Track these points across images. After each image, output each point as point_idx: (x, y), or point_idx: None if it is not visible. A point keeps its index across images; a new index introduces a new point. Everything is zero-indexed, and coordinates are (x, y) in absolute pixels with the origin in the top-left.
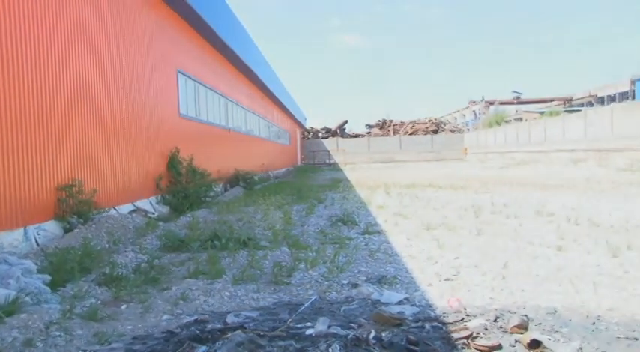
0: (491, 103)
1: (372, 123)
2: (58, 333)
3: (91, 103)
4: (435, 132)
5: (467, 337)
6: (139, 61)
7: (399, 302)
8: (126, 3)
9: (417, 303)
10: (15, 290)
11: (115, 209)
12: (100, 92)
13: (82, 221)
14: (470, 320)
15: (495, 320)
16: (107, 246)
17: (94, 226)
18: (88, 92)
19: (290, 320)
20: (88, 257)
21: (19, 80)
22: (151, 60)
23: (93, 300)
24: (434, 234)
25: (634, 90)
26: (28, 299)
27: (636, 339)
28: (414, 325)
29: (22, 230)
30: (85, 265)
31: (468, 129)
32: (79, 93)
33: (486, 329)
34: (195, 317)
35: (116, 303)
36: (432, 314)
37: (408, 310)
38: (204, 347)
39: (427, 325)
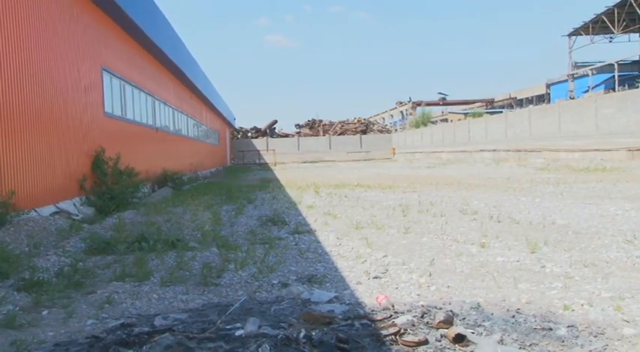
0: (418, 104)
1: (302, 123)
2: None
3: (9, 98)
4: (364, 132)
5: (395, 334)
6: (63, 56)
7: (329, 301)
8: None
9: (347, 302)
10: None
11: (35, 210)
12: (21, 91)
13: None
14: (398, 317)
15: (422, 317)
16: (27, 249)
17: (12, 229)
18: (4, 93)
19: (220, 321)
20: (6, 261)
21: None
22: (75, 56)
23: (10, 307)
24: (363, 233)
25: (549, 94)
26: None
27: (551, 329)
28: (343, 323)
29: None
30: (2, 270)
31: (396, 130)
32: None
33: (414, 325)
34: (121, 321)
35: (37, 309)
36: (361, 312)
37: (338, 308)
38: None
39: (356, 323)
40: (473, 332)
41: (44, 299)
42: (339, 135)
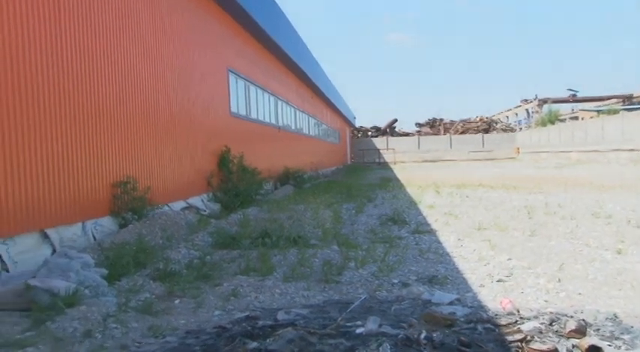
0: (545, 102)
1: (422, 122)
2: (114, 325)
3: (145, 103)
4: (486, 131)
5: (521, 340)
6: (191, 60)
7: (450, 303)
8: (180, 3)
9: (469, 304)
10: (75, 282)
11: (168, 206)
12: (155, 92)
13: (136, 217)
14: (524, 322)
15: (551, 324)
16: (160, 241)
17: (147, 222)
18: (142, 92)
19: (340, 318)
20: (143, 252)
21: (81, 84)
22: (202, 59)
23: (147, 294)
24: (485, 235)
25: None
26: (86, 291)
27: None
28: (465, 326)
29: (80, 225)
30: (139, 260)
31: (521, 129)
32: (133, 93)
33: (541, 332)
34: (246, 314)
35: (170, 298)
36: (484, 315)
37: (460, 311)
38: (255, 344)
39: (479, 326)
40: (610, 345)
41: (176, 289)
42: (461, 134)
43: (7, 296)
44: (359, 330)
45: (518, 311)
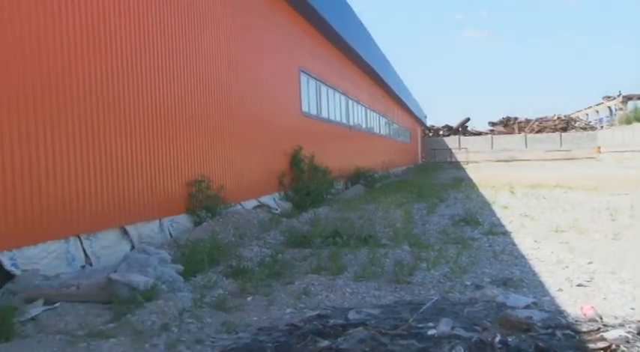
0: (630, 98)
1: (496, 120)
2: (190, 320)
3: (219, 104)
4: (564, 129)
5: (605, 349)
6: (264, 61)
7: (527, 307)
8: (252, 4)
9: (546, 309)
10: (152, 277)
11: (240, 204)
12: (229, 93)
13: (210, 215)
14: (607, 330)
15: (639, 333)
16: (233, 239)
17: (221, 220)
18: (217, 94)
19: (412, 319)
20: (216, 249)
21: (159, 91)
22: (275, 60)
23: (221, 291)
24: (563, 237)
25: None
26: (163, 286)
27: None
28: (543, 331)
29: (157, 222)
30: (213, 257)
31: (602, 127)
32: (208, 95)
33: (628, 342)
34: (317, 312)
35: (242, 295)
36: (563, 321)
37: (537, 315)
38: (326, 342)
39: (558, 332)
40: None
41: (248, 287)
42: (536, 133)
43: (91, 288)
44: (431, 332)
45: (601, 318)
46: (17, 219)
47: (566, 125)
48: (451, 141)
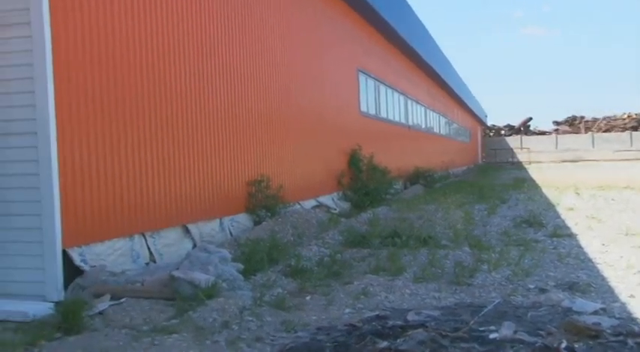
0: None
1: (560, 120)
2: (250, 318)
3: (278, 104)
4: (635, 128)
5: None
6: (322, 61)
7: (595, 312)
8: (311, 4)
9: (616, 315)
10: (213, 275)
11: (299, 204)
12: (288, 94)
13: (269, 214)
14: None
15: None
16: (292, 239)
17: (280, 219)
18: (276, 95)
19: (472, 322)
20: (276, 249)
21: (220, 88)
22: (333, 60)
23: (280, 290)
24: (635, 241)
25: None
26: (224, 285)
27: None
28: (613, 339)
29: (218, 221)
30: (272, 256)
31: None
32: (267, 96)
33: None
34: (376, 313)
35: (301, 294)
36: (636, 328)
37: (606, 322)
38: (385, 343)
39: (630, 341)
40: None
41: (307, 286)
42: (604, 132)
43: (154, 285)
44: (492, 335)
45: None
46: (86, 217)
47: (637, 124)
48: (513, 141)
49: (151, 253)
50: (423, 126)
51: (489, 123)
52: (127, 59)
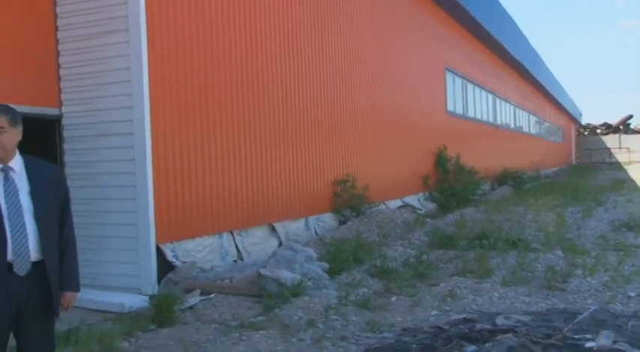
0: None
1: None
2: (335, 317)
3: (364, 104)
4: None
5: None
6: (408, 60)
7: None
8: (397, 3)
9: None
10: (299, 274)
11: (384, 204)
12: (373, 95)
13: (354, 214)
14: None
15: None
16: (377, 239)
17: (365, 219)
18: (361, 95)
19: (566, 329)
20: (361, 248)
21: (304, 90)
22: (419, 59)
23: (365, 290)
24: None
25: None
26: (309, 283)
27: None
28: None
29: (303, 220)
30: (357, 256)
31: None
32: (351, 95)
33: None
34: (463, 316)
35: (386, 294)
36: None
37: None
38: (473, 347)
39: None
40: None
41: (393, 287)
42: None
43: (242, 282)
44: (589, 344)
45: None
46: (177, 214)
47: None
48: (610, 141)
49: (238, 251)
50: (512, 125)
51: (584, 121)
52: (217, 64)
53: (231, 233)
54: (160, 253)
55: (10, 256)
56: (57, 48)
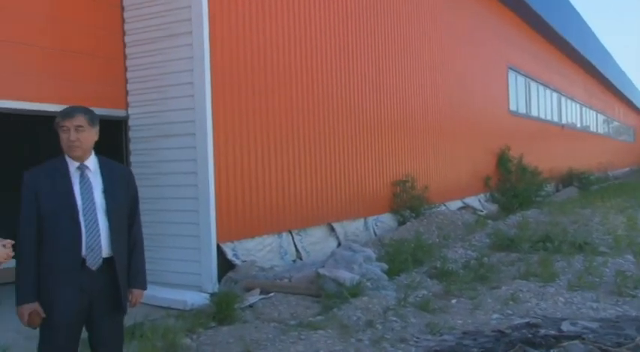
0: None
1: None
2: (394, 319)
3: (424, 105)
4: None
5: None
6: (471, 60)
7: None
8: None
9: None
10: (358, 274)
11: (444, 205)
12: (434, 97)
13: (413, 215)
14: None
15: None
16: (437, 240)
17: (425, 220)
18: (420, 96)
19: (639, 337)
20: (420, 249)
21: (363, 92)
22: (481, 58)
23: (425, 291)
24: None
25: None
26: (368, 284)
27: None
28: None
29: (362, 220)
30: (417, 257)
31: None
32: (410, 97)
33: None
34: (527, 320)
35: (446, 297)
36: None
37: None
38: None
39: None
40: None
41: (453, 289)
42: None
43: (301, 281)
44: None
45: None
46: (237, 214)
47: None
48: None
49: (297, 250)
50: (578, 124)
51: None
52: (278, 68)
53: (290, 232)
54: (220, 252)
55: (83, 251)
56: (124, 51)
